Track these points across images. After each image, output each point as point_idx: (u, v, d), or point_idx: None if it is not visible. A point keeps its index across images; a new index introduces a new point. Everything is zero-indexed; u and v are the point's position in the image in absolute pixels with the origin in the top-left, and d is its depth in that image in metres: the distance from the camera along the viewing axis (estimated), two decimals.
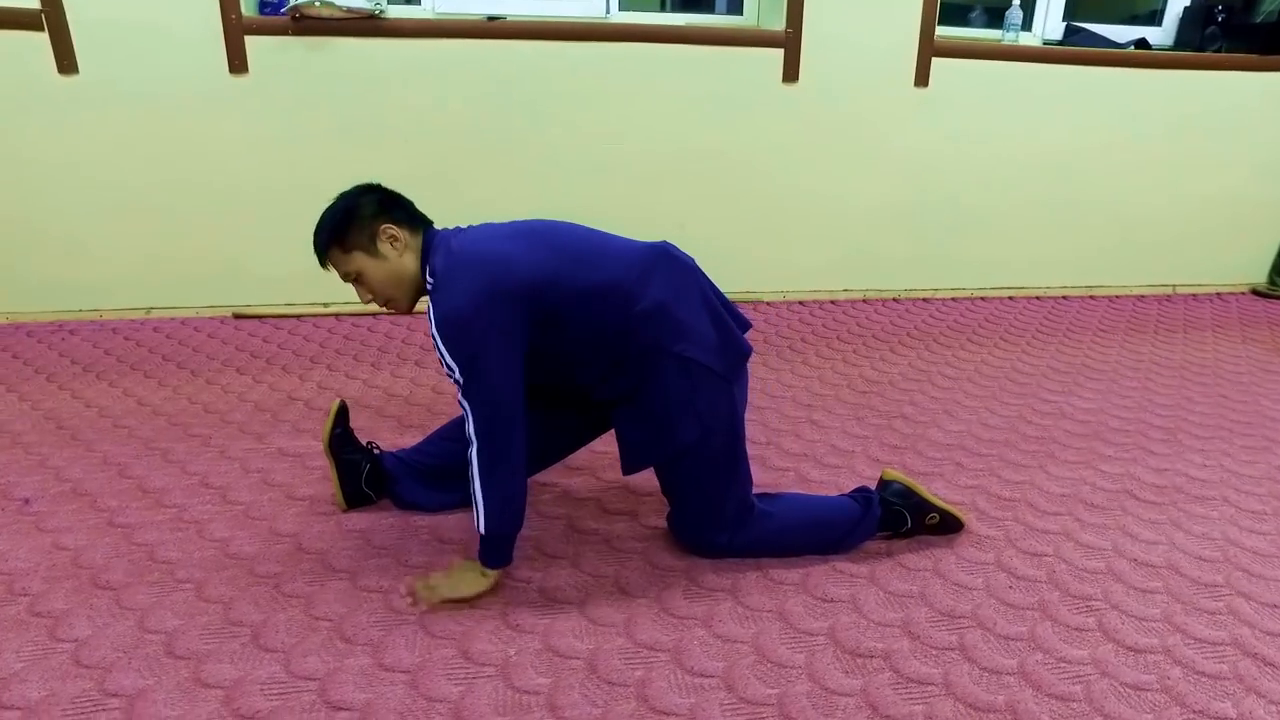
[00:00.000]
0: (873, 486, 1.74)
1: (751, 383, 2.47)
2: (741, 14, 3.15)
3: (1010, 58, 3.10)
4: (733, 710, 1.30)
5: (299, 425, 2.17)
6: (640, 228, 3.08)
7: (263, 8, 2.74)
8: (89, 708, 1.27)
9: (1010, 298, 3.35)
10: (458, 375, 1.40)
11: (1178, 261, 3.48)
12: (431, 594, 1.49)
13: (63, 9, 2.58)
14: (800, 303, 3.21)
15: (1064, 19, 3.32)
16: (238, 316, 2.90)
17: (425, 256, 1.52)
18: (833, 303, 3.23)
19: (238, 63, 2.67)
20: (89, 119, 2.68)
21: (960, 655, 1.42)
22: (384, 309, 1.60)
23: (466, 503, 1.70)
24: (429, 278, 1.49)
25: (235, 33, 2.64)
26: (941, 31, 3.06)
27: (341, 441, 1.76)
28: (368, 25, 2.70)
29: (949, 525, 1.73)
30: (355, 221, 1.51)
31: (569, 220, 1.62)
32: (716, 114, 2.99)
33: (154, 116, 2.69)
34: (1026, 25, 3.30)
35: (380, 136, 2.82)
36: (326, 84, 2.75)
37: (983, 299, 3.33)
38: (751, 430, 2.19)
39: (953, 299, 3.32)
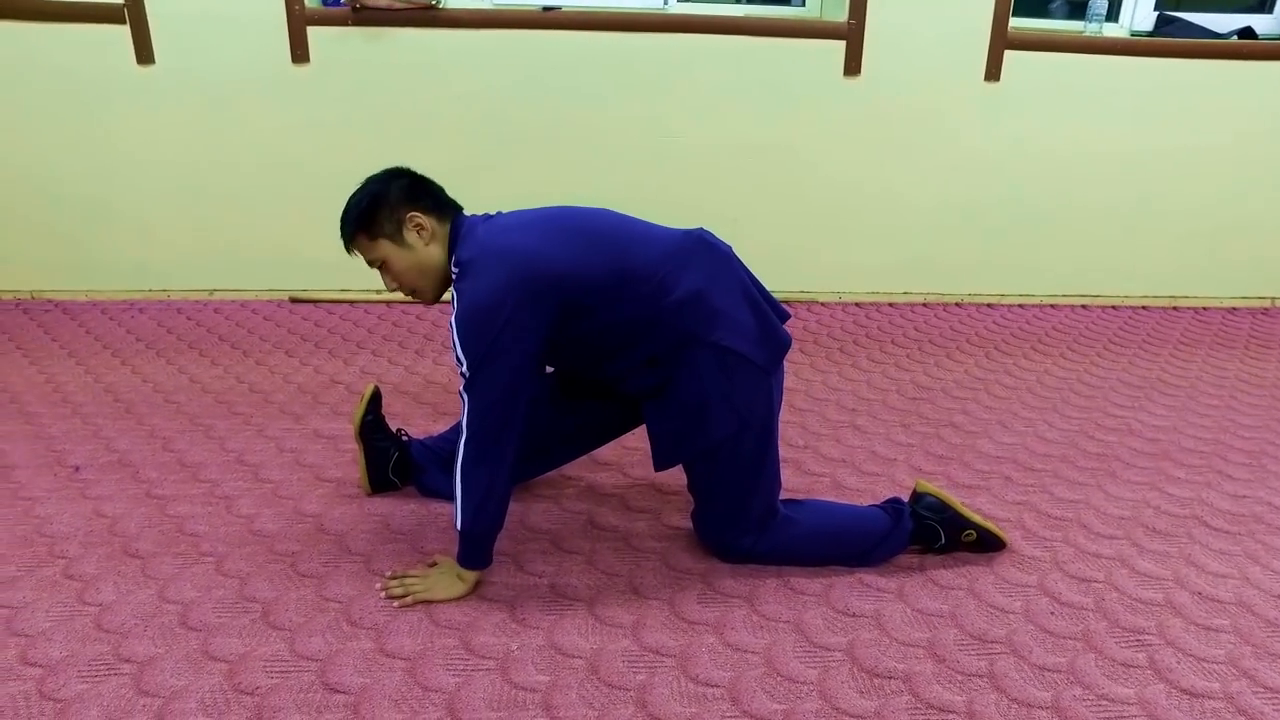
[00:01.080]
0: (906, 498, 1.64)
1: (797, 385, 2.40)
2: (804, 4, 3.06)
3: (1092, 50, 2.91)
4: None
5: (337, 408, 2.20)
6: (693, 222, 3.01)
7: None
8: (103, 671, 1.30)
9: (1083, 306, 3.15)
10: (465, 369, 1.37)
11: (1278, 272, 3.21)
12: (405, 593, 1.47)
13: (143, 3, 2.69)
14: (857, 304, 3.10)
15: (1155, 8, 3.10)
16: (294, 300, 2.98)
17: (452, 246, 1.47)
18: (890, 305, 3.10)
19: (300, 53, 2.74)
20: (163, 107, 2.79)
21: (988, 683, 1.32)
22: (409, 298, 1.58)
23: None
24: (454, 268, 1.45)
25: (298, 23, 2.70)
26: (1016, 23, 2.90)
27: (373, 428, 1.77)
28: (425, 16, 2.73)
29: (988, 544, 1.62)
30: (382, 208, 1.46)
31: (616, 209, 1.58)
32: (774, 108, 2.91)
33: (221, 104, 2.78)
34: (1113, 15, 3.10)
35: (436, 125, 2.84)
36: (384, 74, 2.79)
37: (1052, 307, 3.14)
38: (790, 433, 2.12)
39: (1019, 306, 3.14)
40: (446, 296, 1.51)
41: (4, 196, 2.85)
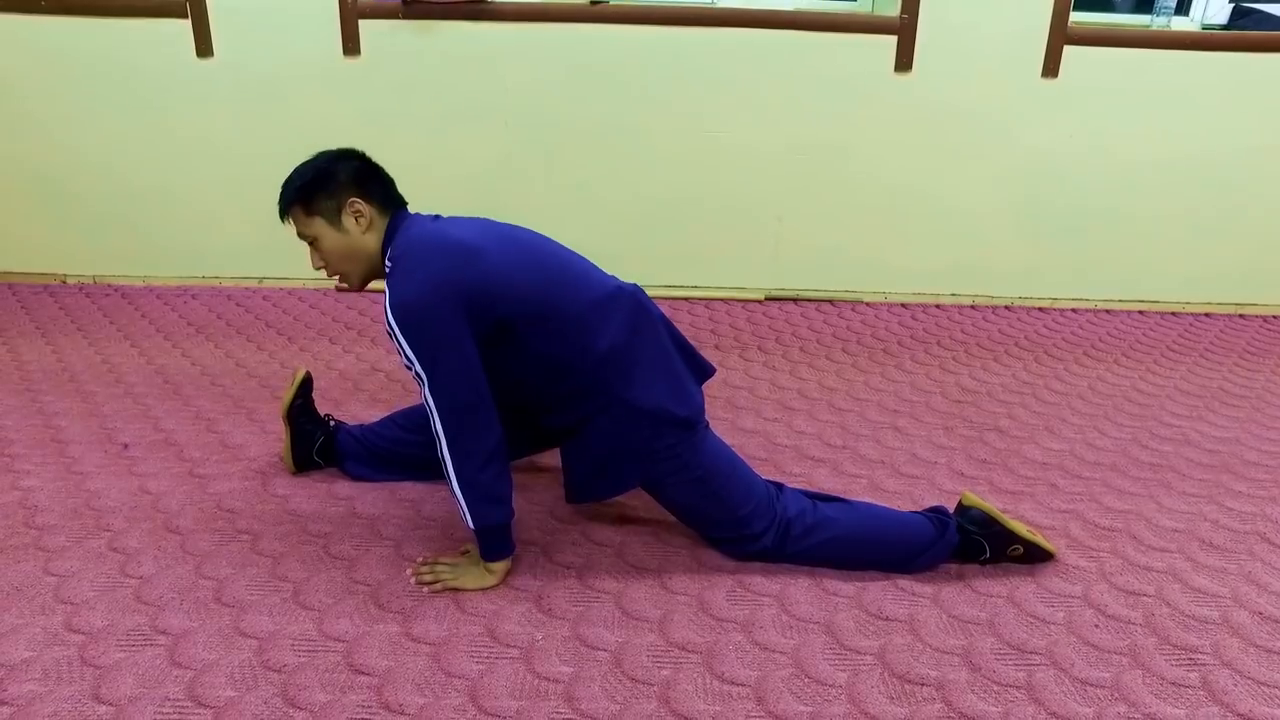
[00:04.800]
0: (950, 508, 1.59)
1: (839, 384, 2.37)
2: None
3: (1159, 45, 2.79)
4: None
5: (376, 396, 2.23)
6: (737, 218, 3.04)
7: None
8: (140, 641, 1.34)
9: (1140, 313, 3.03)
10: (418, 369, 1.35)
11: None
12: (435, 579, 1.47)
13: None
14: (903, 305, 3.03)
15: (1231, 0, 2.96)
16: (340, 289, 3.03)
17: (388, 239, 1.47)
18: (938, 307, 3.02)
19: (351, 45, 2.79)
20: (220, 99, 2.86)
21: (1026, 695, 1.27)
22: (335, 281, 1.56)
23: (413, 479, 1.75)
24: (388, 262, 1.45)
25: (350, 16, 2.75)
26: (1077, 17, 2.80)
27: (300, 411, 1.80)
28: (474, 9, 2.75)
29: (1035, 557, 1.56)
30: (325, 186, 1.46)
31: (658, 207, 1.57)
32: (823, 104, 2.86)
33: (275, 96, 2.85)
34: (1183, 8, 2.97)
35: (483, 117, 2.86)
36: (433, 66, 2.82)
37: (1107, 312, 3.03)
38: (829, 433, 2.08)
39: (1072, 310, 3.03)
40: (374, 286, 1.51)
41: (72, 185, 2.95)
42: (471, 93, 2.85)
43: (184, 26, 2.79)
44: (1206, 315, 3.02)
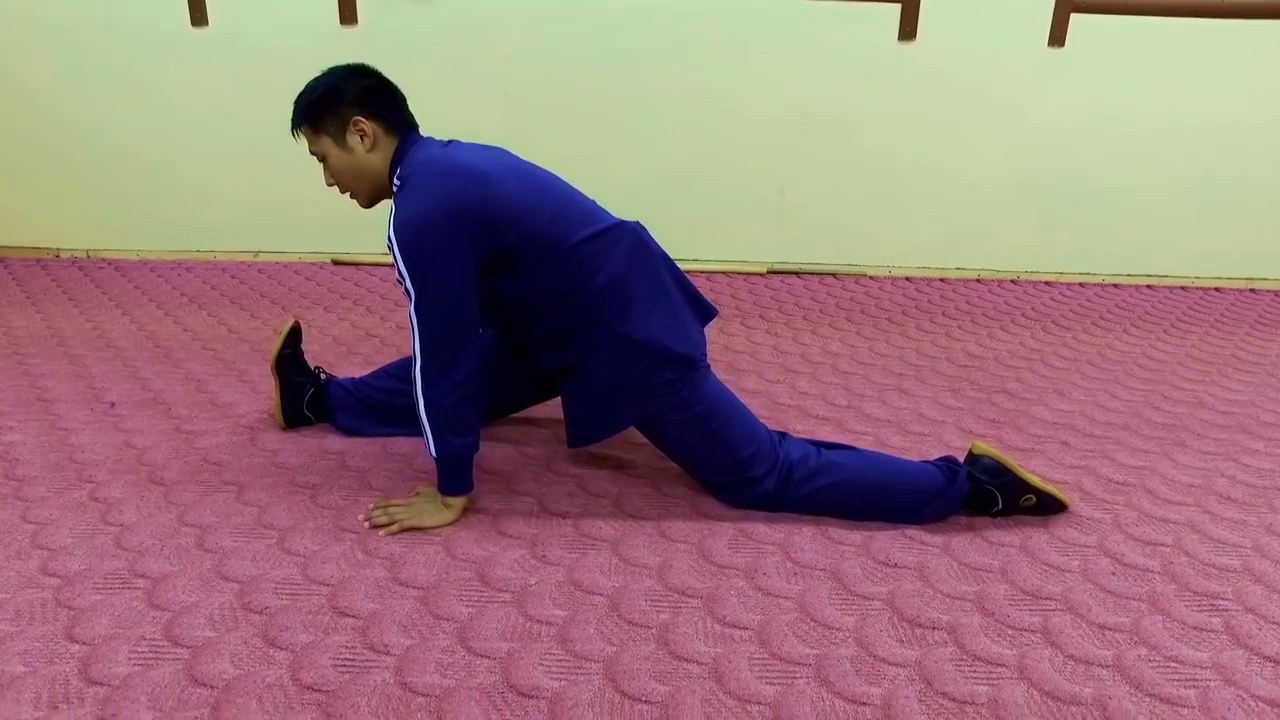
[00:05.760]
0: (960, 459, 1.53)
1: (842, 349, 2.32)
2: None
3: (1168, 12, 2.75)
4: (762, 666, 1.16)
5: (370, 359, 2.18)
6: (739, 190, 2.99)
7: None
8: (117, 584, 1.29)
9: (1149, 287, 2.97)
10: (408, 284, 1.33)
11: None
12: (390, 521, 1.43)
13: None
14: (907, 278, 2.98)
15: None
16: (336, 263, 2.98)
17: (397, 159, 1.44)
18: (943, 280, 2.97)
19: (348, 14, 2.75)
20: (214, 69, 2.82)
21: (1042, 639, 1.22)
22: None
23: (407, 433, 1.69)
24: (396, 181, 1.43)
25: None
26: None
27: (289, 362, 1.76)
28: None
29: (1048, 508, 1.50)
30: (331, 105, 1.43)
31: (660, 176, 1.53)
32: (825, 74, 2.82)
33: (270, 66, 2.80)
34: None
35: (481, 88, 2.82)
36: (431, 36, 2.78)
37: (1115, 286, 2.97)
38: (832, 393, 2.03)
39: (1079, 284, 2.98)
40: (383, 205, 1.50)
41: (65, 158, 2.92)
42: (470, 63, 2.81)
43: None
44: (1216, 290, 2.96)
